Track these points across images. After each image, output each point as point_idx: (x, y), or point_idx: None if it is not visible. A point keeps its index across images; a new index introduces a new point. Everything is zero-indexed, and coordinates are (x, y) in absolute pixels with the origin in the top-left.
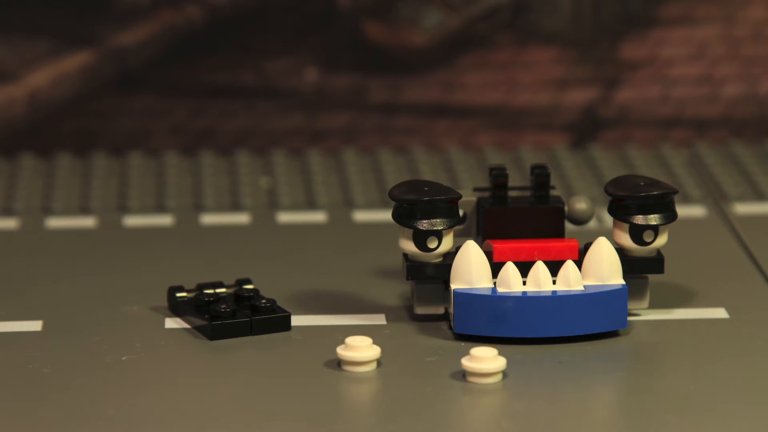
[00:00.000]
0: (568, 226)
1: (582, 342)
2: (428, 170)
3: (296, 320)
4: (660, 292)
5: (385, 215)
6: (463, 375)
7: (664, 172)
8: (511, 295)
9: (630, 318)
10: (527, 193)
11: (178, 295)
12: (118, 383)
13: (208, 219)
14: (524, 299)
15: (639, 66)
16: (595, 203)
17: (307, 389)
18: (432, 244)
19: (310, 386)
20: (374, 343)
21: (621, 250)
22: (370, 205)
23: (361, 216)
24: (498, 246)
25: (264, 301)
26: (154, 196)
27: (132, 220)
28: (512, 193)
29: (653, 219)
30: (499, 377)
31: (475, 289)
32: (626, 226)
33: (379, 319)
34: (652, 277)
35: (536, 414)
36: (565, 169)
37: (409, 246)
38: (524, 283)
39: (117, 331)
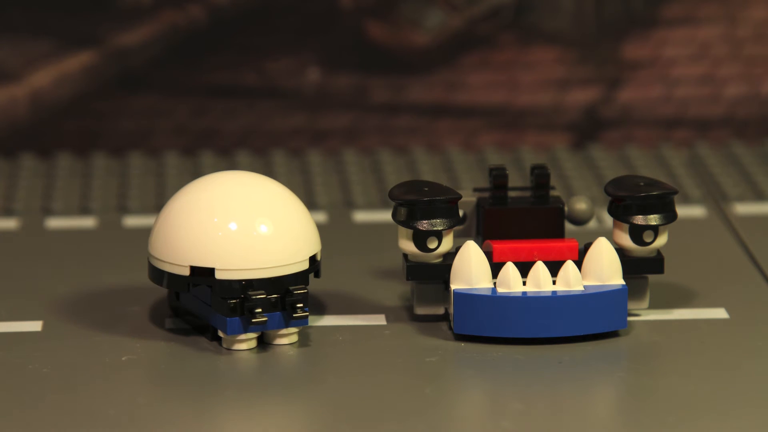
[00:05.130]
0: (568, 226)
1: (582, 342)
2: (428, 170)
3: None
4: (660, 292)
5: (385, 215)
6: None
7: (664, 173)
8: (511, 295)
9: (630, 318)
10: (527, 194)
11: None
12: (118, 383)
13: None
14: (524, 299)
15: (641, 66)
16: (595, 203)
17: (307, 390)
18: (432, 245)
19: (311, 387)
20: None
21: (621, 251)
22: (370, 205)
23: (361, 216)
24: (498, 246)
25: None
26: (154, 196)
27: (132, 220)
28: (512, 194)
29: (653, 219)
30: None
31: (475, 289)
32: (626, 226)
33: (379, 319)
34: (652, 277)
35: (536, 414)
36: (565, 170)
37: (409, 246)
38: (524, 283)
39: (117, 331)
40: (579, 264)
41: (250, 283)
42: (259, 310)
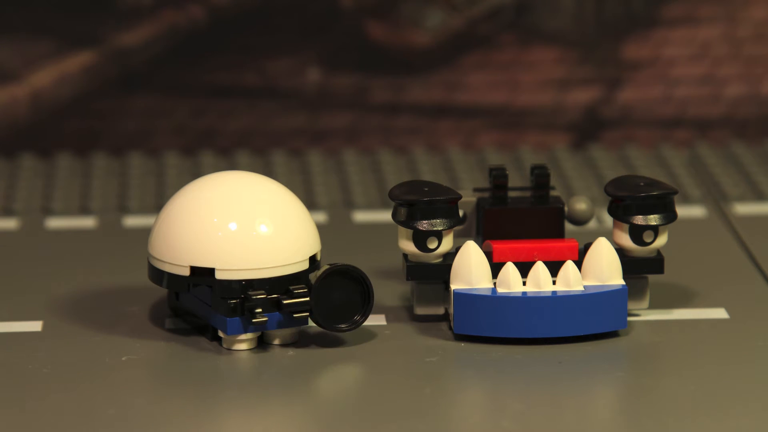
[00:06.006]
0: (568, 226)
1: (582, 342)
2: (428, 170)
3: None
4: (660, 292)
5: (385, 215)
6: None
7: (664, 173)
8: (511, 295)
9: (630, 318)
10: (527, 194)
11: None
12: (118, 383)
13: None
14: (524, 299)
15: (641, 66)
16: (595, 203)
17: (307, 390)
18: (432, 245)
19: (311, 387)
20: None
21: (621, 251)
22: (370, 205)
23: (361, 216)
24: (498, 246)
25: None
26: (154, 196)
27: (132, 220)
28: (512, 194)
29: (653, 219)
30: None
31: (475, 289)
32: (626, 226)
33: (379, 320)
34: (652, 277)
35: (536, 414)
36: (565, 170)
37: (409, 246)
38: (524, 283)
39: (117, 331)
40: (579, 264)
41: (250, 283)
42: (259, 310)
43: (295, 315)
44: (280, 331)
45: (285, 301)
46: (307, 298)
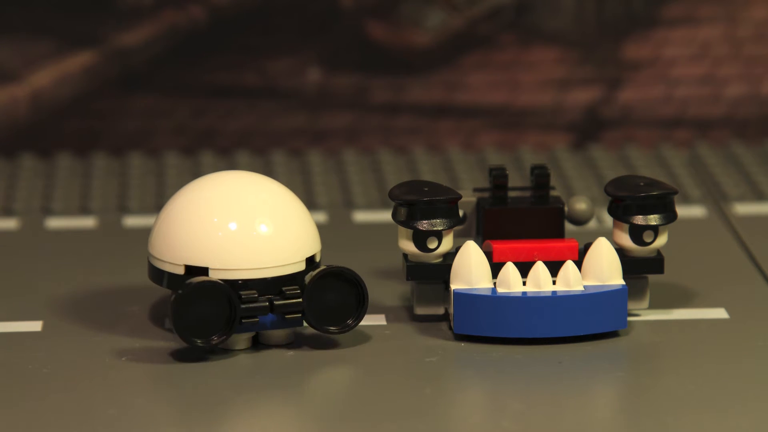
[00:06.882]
0: (568, 226)
1: (582, 342)
2: (428, 170)
3: None
4: (660, 292)
5: (385, 215)
6: None
7: (664, 173)
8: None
9: (630, 318)
10: (527, 194)
11: None
12: (118, 383)
13: None
14: (524, 299)
15: (641, 66)
16: (595, 203)
17: (306, 390)
18: (432, 245)
19: (310, 387)
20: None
21: (621, 251)
22: (370, 205)
23: (361, 216)
24: (498, 246)
25: None
26: (154, 196)
27: (132, 220)
28: (512, 194)
29: (653, 219)
30: None
31: (475, 289)
32: (626, 226)
33: (379, 319)
34: (652, 277)
35: (536, 414)
36: (565, 170)
37: (409, 246)
38: (524, 283)
39: (117, 331)
40: (579, 264)
41: (246, 284)
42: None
43: (287, 316)
44: (275, 332)
45: (277, 302)
46: (300, 299)
